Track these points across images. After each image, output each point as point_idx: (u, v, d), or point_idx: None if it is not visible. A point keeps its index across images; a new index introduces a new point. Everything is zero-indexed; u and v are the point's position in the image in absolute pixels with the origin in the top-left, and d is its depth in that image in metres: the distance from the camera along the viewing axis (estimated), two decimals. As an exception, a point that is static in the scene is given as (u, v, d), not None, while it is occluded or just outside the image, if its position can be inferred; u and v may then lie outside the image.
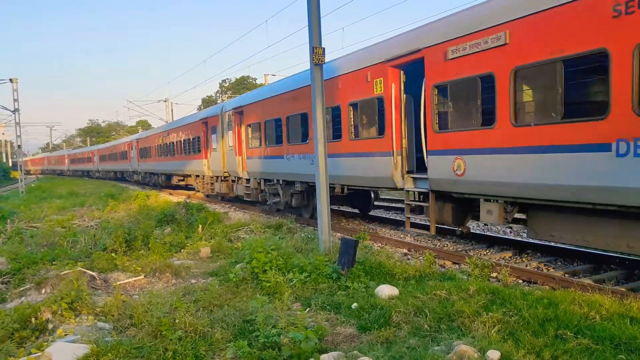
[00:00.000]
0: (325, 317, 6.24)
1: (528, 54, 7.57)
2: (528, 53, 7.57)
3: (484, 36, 8.29)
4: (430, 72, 9.46)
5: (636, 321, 5.30)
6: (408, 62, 10.26)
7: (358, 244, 8.36)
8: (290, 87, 15.44)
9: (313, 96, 9.61)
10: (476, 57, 8.46)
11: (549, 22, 7.25)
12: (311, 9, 9.37)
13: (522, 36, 7.64)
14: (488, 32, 8.22)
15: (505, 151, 8.07)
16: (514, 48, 7.78)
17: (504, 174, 8.10)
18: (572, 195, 7.09)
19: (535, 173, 7.54)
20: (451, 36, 8.98)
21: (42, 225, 14.92)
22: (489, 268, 7.98)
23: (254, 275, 7.89)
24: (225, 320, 6.08)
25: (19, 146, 35.36)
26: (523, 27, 7.65)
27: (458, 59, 8.83)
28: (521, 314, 5.57)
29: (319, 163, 9.59)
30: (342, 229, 13.62)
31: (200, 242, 11.56)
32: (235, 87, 70.74)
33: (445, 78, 9.14)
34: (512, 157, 7.94)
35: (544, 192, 7.51)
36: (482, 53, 8.33)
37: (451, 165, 9.13)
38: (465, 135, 8.85)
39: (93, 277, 8.40)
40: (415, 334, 5.46)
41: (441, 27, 9.44)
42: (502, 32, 7.95)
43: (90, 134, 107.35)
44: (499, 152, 8.18)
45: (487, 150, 8.40)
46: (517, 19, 7.74)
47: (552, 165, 7.28)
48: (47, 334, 6.04)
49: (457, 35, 8.87)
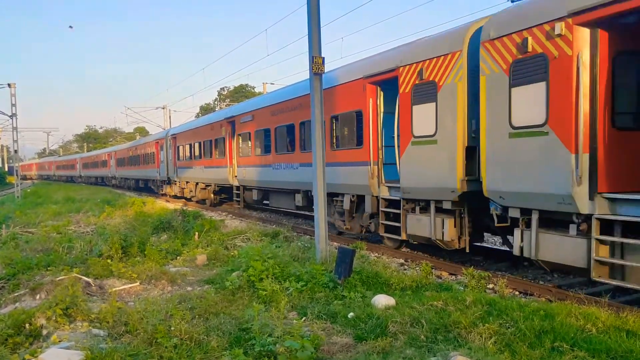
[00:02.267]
0: (321, 327, 6.21)
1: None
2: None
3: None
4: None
5: (632, 334, 5.30)
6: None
7: (355, 253, 8.36)
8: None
9: (312, 105, 9.64)
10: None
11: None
12: (311, 18, 9.43)
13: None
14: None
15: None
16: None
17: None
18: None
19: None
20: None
21: (38, 231, 14.87)
22: (486, 279, 7.97)
23: (250, 284, 7.87)
24: (221, 329, 6.05)
25: (16, 151, 35.29)
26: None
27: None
28: (518, 325, 5.56)
29: (317, 172, 9.60)
30: (339, 239, 13.61)
31: (196, 250, 11.54)
32: (233, 95, 70.85)
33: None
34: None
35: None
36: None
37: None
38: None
39: (88, 284, 8.35)
40: (411, 345, 5.45)
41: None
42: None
43: (88, 140, 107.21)
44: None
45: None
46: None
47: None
48: (41, 340, 5.99)
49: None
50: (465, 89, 8.88)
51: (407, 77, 10.08)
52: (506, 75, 7.82)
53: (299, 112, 14.60)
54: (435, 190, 9.56)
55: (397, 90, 10.41)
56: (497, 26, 8.05)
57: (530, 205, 7.74)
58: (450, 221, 9.50)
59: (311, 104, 9.67)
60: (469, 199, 9.14)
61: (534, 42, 7.34)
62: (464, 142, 8.95)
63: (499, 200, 8.29)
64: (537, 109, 7.33)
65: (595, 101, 6.84)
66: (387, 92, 11.38)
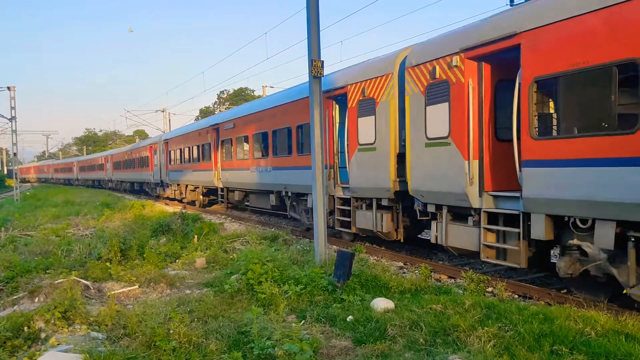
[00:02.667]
0: (320, 330, 6.21)
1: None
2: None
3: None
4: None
5: (631, 338, 5.31)
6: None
7: (354, 256, 8.35)
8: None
9: (311, 108, 9.66)
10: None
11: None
12: (311, 22, 9.46)
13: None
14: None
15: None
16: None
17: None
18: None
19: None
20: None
21: (37, 234, 14.85)
22: (485, 282, 7.97)
23: (249, 287, 7.86)
24: (219, 332, 6.05)
25: (15, 154, 35.28)
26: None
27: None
28: (517, 329, 5.56)
29: (316, 174, 9.61)
30: (338, 242, 13.60)
31: (195, 253, 11.52)
32: (233, 98, 70.93)
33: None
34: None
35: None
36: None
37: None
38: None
39: (87, 287, 8.34)
40: (410, 348, 5.44)
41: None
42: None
43: (87, 143, 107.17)
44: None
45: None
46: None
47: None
48: (40, 343, 5.98)
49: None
50: (396, 105, 10.57)
51: (354, 93, 11.80)
52: (423, 95, 9.52)
53: (272, 121, 16.36)
54: (376, 190, 11.29)
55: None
56: (416, 56, 9.80)
57: (441, 201, 9.41)
58: (387, 216, 11.18)
59: (310, 106, 9.69)
60: (403, 197, 10.74)
61: (440, 70, 9.10)
62: (396, 149, 10.68)
63: (420, 198, 9.94)
64: (443, 124, 9.03)
65: (482, 118, 8.54)
66: (341, 106, 12.99)
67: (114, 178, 48.09)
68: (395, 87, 10.49)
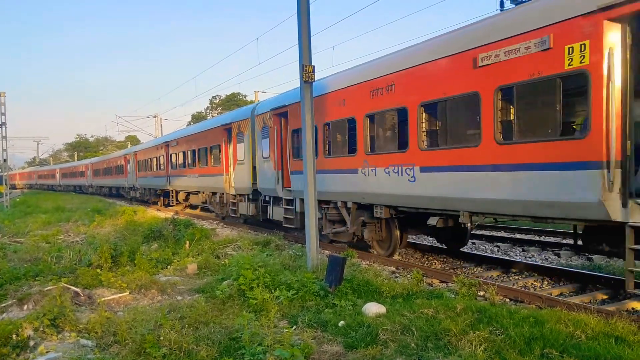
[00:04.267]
0: (312, 335, 6.18)
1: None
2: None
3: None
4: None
5: (621, 340, 5.33)
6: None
7: (346, 261, 8.35)
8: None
9: (302, 113, 9.66)
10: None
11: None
12: (302, 27, 9.48)
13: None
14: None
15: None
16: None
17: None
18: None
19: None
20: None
21: (27, 240, 14.71)
22: (476, 286, 7.98)
23: (240, 292, 7.82)
24: (210, 338, 6.00)
25: (5, 160, 35.00)
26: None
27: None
28: (508, 332, 5.58)
29: (308, 179, 9.60)
30: (330, 247, 13.59)
31: (187, 259, 11.45)
32: (225, 103, 70.83)
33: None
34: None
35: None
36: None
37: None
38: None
39: (77, 293, 8.26)
40: (402, 352, 5.44)
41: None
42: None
43: (78, 149, 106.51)
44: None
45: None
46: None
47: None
48: (29, 351, 5.91)
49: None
50: (252, 136, 17.41)
51: (235, 128, 18.97)
52: (261, 133, 16.39)
53: (196, 142, 23.87)
54: (245, 189, 18.24)
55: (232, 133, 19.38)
56: (258, 110, 16.97)
57: (270, 194, 16.26)
58: (251, 205, 18.16)
59: (301, 111, 9.70)
60: (258, 192, 17.37)
61: (266, 119, 15.95)
62: (252, 164, 17.41)
63: (263, 192, 16.82)
64: (268, 149, 15.91)
65: (283, 147, 15.16)
66: (230, 134, 19.77)
67: (93, 184, 53.83)
68: (249, 126, 17.51)
